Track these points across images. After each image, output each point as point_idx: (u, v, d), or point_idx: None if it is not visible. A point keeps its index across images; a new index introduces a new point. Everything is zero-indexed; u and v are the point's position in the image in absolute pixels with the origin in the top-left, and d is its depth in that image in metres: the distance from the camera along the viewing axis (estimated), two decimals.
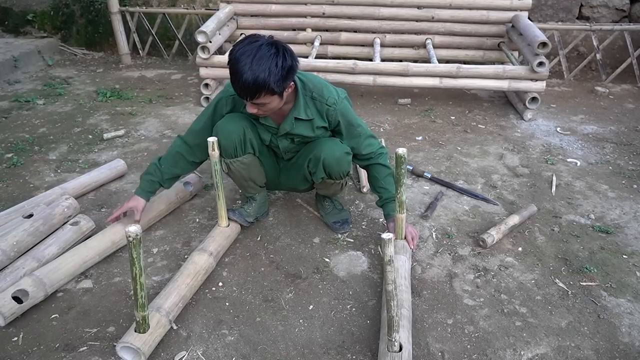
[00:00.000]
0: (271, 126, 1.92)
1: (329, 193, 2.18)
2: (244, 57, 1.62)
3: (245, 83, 1.62)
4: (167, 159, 2.03)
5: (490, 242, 2.07)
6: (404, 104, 3.65)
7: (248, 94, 1.66)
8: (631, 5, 4.18)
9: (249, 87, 1.63)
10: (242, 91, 1.67)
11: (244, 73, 1.61)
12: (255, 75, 1.61)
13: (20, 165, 2.71)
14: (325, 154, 1.91)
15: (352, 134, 1.96)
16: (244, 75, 1.61)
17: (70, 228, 2.01)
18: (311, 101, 1.87)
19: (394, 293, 1.38)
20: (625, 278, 1.93)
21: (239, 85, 1.65)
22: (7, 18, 4.93)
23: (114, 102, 3.63)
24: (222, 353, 1.59)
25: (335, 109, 1.88)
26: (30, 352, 1.58)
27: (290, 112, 1.87)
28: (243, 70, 1.61)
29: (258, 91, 1.64)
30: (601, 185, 2.58)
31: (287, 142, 1.99)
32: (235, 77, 1.65)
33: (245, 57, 1.62)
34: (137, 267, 1.38)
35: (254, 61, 1.61)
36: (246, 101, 1.72)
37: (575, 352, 1.60)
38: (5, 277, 1.74)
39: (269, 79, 1.62)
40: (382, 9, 3.82)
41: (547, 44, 3.09)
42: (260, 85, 1.62)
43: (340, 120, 1.91)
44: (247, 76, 1.61)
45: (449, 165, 2.76)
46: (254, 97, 1.66)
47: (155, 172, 2.02)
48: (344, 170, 1.98)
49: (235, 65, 1.64)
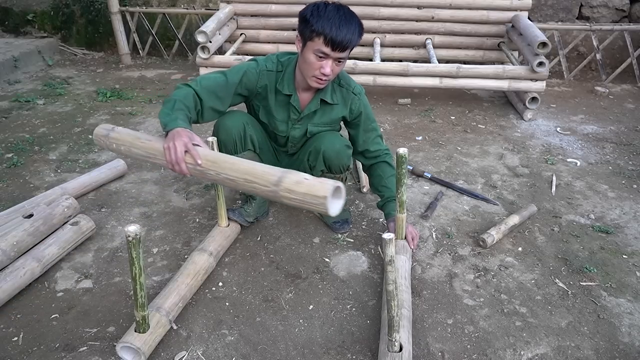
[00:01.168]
0: (297, 108, 1.94)
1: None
2: (334, 12, 1.69)
3: (346, 34, 1.68)
4: (188, 100, 1.77)
5: (490, 242, 2.07)
6: (404, 104, 3.65)
7: (343, 46, 1.71)
8: (631, 5, 4.18)
9: (349, 38, 1.69)
10: (340, 44, 1.70)
11: (341, 25, 1.67)
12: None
13: (20, 165, 2.71)
14: (325, 146, 1.93)
15: (367, 128, 2.02)
16: (344, 28, 1.68)
17: (71, 228, 2.01)
18: (338, 87, 1.94)
19: (395, 293, 1.38)
20: (625, 278, 1.93)
21: (339, 37, 1.68)
22: (7, 18, 4.93)
23: (114, 102, 3.63)
24: (222, 353, 1.59)
25: (360, 98, 1.96)
26: (30, 352, 1.58)
27: (317, 94, 1.92)
28: (341, 23, 1.68)
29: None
30: (601, 185, 2.58)
31: (300, 133, 2.00)
32: (331, 29, 1.67)
33: (337, 12, 1.70)
34: (136, 266, 1.38)
35: (346, 16, 1.70)
36: (330, 55, 1.72)
37: (575, 352, 1.60)
38: (5, 277, 1.74)
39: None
40: (382, 9, 3.82)
41: (547, 44, 3.09)
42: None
43: (363, 111, 1.98)
44: (347, 29, 1.68)
45: (449, 165, 2.76)
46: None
47: (184, 108, 1.72)
48: (343, 163, 1.99)
49: (331, 19, 1.68)
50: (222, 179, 1.52)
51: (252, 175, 1.45)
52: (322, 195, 1.32)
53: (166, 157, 1.57)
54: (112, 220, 2.24)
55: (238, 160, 1.52)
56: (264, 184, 1.42)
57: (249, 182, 1.46)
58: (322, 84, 1.81)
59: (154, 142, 1.67)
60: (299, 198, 1.37)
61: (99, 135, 1.81)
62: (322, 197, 1.32)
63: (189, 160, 1.56)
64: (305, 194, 1.34)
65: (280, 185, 1.39)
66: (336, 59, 1.75)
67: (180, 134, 1.57)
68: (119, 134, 1.76)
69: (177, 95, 1.75)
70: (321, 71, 1.75)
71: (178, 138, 1.55)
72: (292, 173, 1.41)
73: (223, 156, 1.58)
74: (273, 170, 1.44)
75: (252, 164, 1.50)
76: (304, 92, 1.92)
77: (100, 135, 1.81)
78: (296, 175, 1.40)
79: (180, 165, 1.55)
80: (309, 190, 1.34)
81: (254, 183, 1.45)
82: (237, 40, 3.93)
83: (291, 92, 1.90)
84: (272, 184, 1.41)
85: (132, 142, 1.72)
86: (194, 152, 1.54)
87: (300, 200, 1.37)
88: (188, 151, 1.55)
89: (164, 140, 1.62)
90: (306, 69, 1.79)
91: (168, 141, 1.57)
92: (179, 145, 1.54)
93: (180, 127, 1.60)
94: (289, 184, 1.38)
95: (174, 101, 1.72)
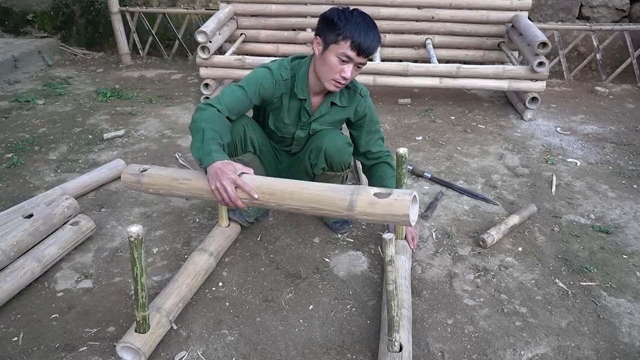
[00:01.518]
0: (309, 112, 1.94)
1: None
2: (361, 18, 1.73)
3: (372, 41, 1.72)
4: (215, 122, 1.68)
5: (490, 242, 2.07)
6: (404, 104, 3.65)
7: (368, 52, 1.74)
8: (631, 5, 4.18)
9: (374, 45, 1.74)
10: (365, 49, 1.72)
11: (369, 32, 1.71)
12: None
13: (20, 165, 2.71)
14: (327, 144, 1.94)
15: (370, 129, 2.03)
16: (370, 35, 1.72)
17: (70, 228, 2.01)
18: (345, 89, 1.94)
19: (395, 293, 1.38)
20: (625, 278, 1.93)
21: (366, 43, 1.71)
22: (7, 18, 4.93)
23: (114, 102, 3.63)
24: (222, 353, 1.59)
25: (365, 100, 1.97)
26: (30, 352, 1.58)
27: (327, 97, 1.94)
28: (368, 30, 1.72)
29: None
30: (601, 185, 2.58)
31: (305, 134, 2.01)
32: (360, 35, 1.70)
33: (363, 19, 1.73)
34: (138, 267, 1.38)
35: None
36: (354, 60, 1.74)
37: (575, 352, 1.60)
38: (5, 277, 1.74)
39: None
40: (382, 9, 3.82)
41: (547, 44, 3.09)
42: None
43: (367, 113, 1.99)
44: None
45: (449, 165, 2.76)
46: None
47: (215, 135, 1.63)
48: (345, 161, 1.99)
49: (359, 24, 1.71)
50: (286, 209, 1.51)
51: (319, 202, 1.44)
52: (403, 214, 1.33)
53: (218, 199, 1.55)
54: (112, 220, 2.24)
55: (296, 187, 1.49)
56: (335, 210, 1.42)
57: (316, 209, 1.45)
58: (339, 87, 1.82)
59: (195, 181, 1.61)
60: (378, 218, 1.38)
61: (129, 182, 1.71)
62: (403, 215, 1.33)
63: (243, 195, 1.52)
64: (385, 215, 1.36)
65: (354, 209, 1.39)
66: (357, 64, 1.77)
67: (224, 171, 1.51)
68: (152, 179, 1.67)
69: (203, 121, 1.65)
70: (342, 75, 1.76)
71: (224, 176, 1.50)
72: (360, 193, 1.40)
73: (277, 183, 1.54)
74: (338, 193, 1.42)
75: (312, 189, 1.47)
76: (316, 95, 1.93)
77: (130, 182, 1.71)
78: (366, 195, 1.38)
79: (236, 203, 1.53)
80: (388, 211, 1.35)
81: (324, 210, 1.45)
82: (237, 40, 3.93)
83: (305, 96, 1.90)
84: (345, 209, 1.40)
85: (170, 185, 1.64)
86: (246, 187, 1.51)
87: (379, 220, 1.38)
88: (239, 187, 1.52)
89: (202, 175, 1.60)
90: (326, 72, 1.78)
91: (213, 181, 1.52)
92: (228, 184, 1.50)
93: (218, 161, 1.54)
94: (363, 207, 1.38)
95: (202, 130, 1.61)
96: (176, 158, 2.81)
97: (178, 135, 3.10)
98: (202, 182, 1.60)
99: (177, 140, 3.03)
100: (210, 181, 1.54)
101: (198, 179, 1.62)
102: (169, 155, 2.84)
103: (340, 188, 1.46)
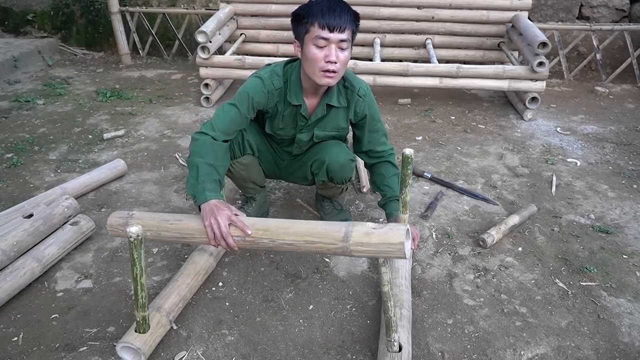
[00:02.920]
0: (305, 116, 1.88)
1: (329, 194, 2.18)
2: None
3: (340, 12, 1.63)
4: (209, 154, 1.67)
5: (490, 242, 2.07)
6: (404, 104, 3.65)
7: (340, 25, 1.64)
8: (631, 5, 4.18)
9: (343, 17, 1.63)
10: (335, 24, 1.63)
11: (333, 6, 1.63)
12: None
13: (20, 165, 2.71)
14: (330, 159, 1.91)
15: (372, 129, 1.95)
16: (336, 8, 1.63)
17: (70, 228, 2.01)
18: (343, 89, 1.87)
19: (390, 294, 1.38)
20: (625, 278, 1.93)
21: (333, 16, 1.62)
22: (7, 18, 4.93)
23: (114, 102, 3.63)
24: (222, 353, 1.59)
25: (365, 101, 1.88)
26: (30, 352, 1.58)
27: (322, 98, 1.86)
28: (331, 4, 1.64)
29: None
30: (601, 185, 2.58)
31: (307, 138, 1.96)
32: (323, 11, 1.63)
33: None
34: (137, 267, 1.38)
35: (334, 0, 1.66)
36: (330, 38, 1.65)
37: (575, 352, 1.60)
38: (5, 277, 1.74)
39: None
40: (382, 9, 3.82)
41: (547, 44, 3.09)
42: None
43: (367, 113, 1.91)
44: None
45: (449, 165, 2.76)
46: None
47: (209, 171, 1.63)
48: (346, 176, 1.99)
49: (320, 3, 1.64)
50: (279, 246, 1.45)
51: (314, 235, 1.40)
52: (398, 242, 1.29)
53: (209, 235, 1.49)
54: None
55: (291, 222, 1.46)
56: (329, 242, 1.37)
57: (311, 243, 1.40)
58: (332, 76, 1.70)
59: (186, 221, 1.56)
60: (372, 249, 1.33)
61: (115, 225, 1.62)
62: (398, 243, 1.29)
63: (236, 232, 1.48)
64: (379, 244, 1.31)
65: (349, 240, 1.35)
66: (337, 44, 1.66)
67: (219, 207, 1.50)
68: (140, 220, 1.59)
69: (197, 155, 1.63)
70: (327, 60, 1.66)
71: (219, 212, 1.49)
72: (356, 224, 1.37)
73: (272, 221, 1.51)
74: (334, 225, 1.39)
75: (308, 223, 1.45)
76: (312, 97, 1.86)
77: (116, 226, 1.62)
78: (362, 226, 1.36)
79: (227, 240, 1.47)
80: (382, 240, 1.31)
81: (318, 243, 1.40)
82: (237, 40, 3.93)
83: (300, 102, 1.83)
84: (340, 240, 1.35)
85: (159, 225, 1.56)
86: (240, 223, 1.47)
87: (373, 251, 1.33)
88: (232, 223, 1.48)
89: (193, 216, 1.56)
90: (311, 66, 1.70)
91: (207, 217, 1.49)
92: (222, 219, 1.47)
93: (213, 200, 1.53)
94: (358, 237, 1.34)
95: (197, 167, 1.60)
96: (176, 158, 2.81)
97: (178, 135, 3.10)
98: (194, 221, 1.54)
99: (177, 140, 3.03)
100: (204, 217, 1.51)
101: (189, 219, 1.57)
102: (169, 155, 2.84)
103: (334, 222, 1.44)
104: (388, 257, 1.33)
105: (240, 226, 1.47)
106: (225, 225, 1.47)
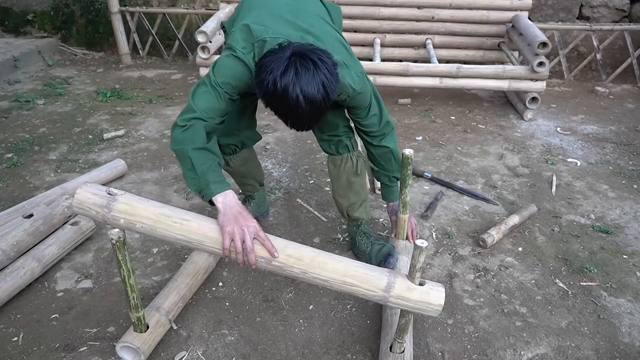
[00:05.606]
0: None
1: (350, 192, 1.89)
2: (281, 100, 1.26)
3: (300, 127, 1.34)
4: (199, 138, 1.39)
5: (490, 242, 2.07)
6: (404, 104, 3.65)
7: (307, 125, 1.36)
8: (631, 5, 4.18)
9: (308, 128, 1.35)
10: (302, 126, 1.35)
11: (295, 121, 1.32)
12: (312, 98, 1.25)
13: (20, 165, 2.71)
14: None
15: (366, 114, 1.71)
16: (296, 122, 1.32)
17: (70, 228, 2.01)
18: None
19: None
20: (625, 278, 1.93)
21: (298, 130, 1.34)
22: (7, 18, 4.93)
23: (114, 102, 3.63)
24: (222, 353, 1.59)
25: (355, 97, 1.62)
26: (30, 352, 1.58)
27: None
28: (292, 117, 1.31)
29: (318, 117, 1.31)
30: (601, 185, 2.58)
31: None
32: (289, 111, 1.29)
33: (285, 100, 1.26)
34: (124, 269, 1.37)
35: (301, 82, 1.24)
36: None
37: (575, 352, 1.60)
38: (5, 277, 1.74)
39: (327, 96, 1.27)
40: (382, 9, 3.82)
41: (547, 44, 3.09)
42: (319, 108, 1.28)
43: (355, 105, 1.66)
44: (300, 121, 1.32)
45: (449, 165, 2.76)
46: (312, 125, 1.36)
47: (205, 159, 1.36)
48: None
49: (283, 99, 1.25)
50: (310, 279, 1.29)
51: (354, 277, 1.28)
52: (437, 304, 1.27)
53: (225, 243, 1.24)
54: None
55: (328, 257, 1.31)
56: (369, 289, 1.28)
57: (349, 285, 1.28)
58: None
59: (194, 222, 1.30)
60: (411, 305, 1.28)
61: (86, 203, 1.29)
62: (437, 305, 1.27)
63: (261, 252, 1.26)
64: (419, 302, 1.27)
65: (391, 291, 1.27)
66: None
67: (246, 216, 1.25)
68: (128, 205, 1.30)
69: (188, 141, 1.36)
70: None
71: (245, 221, 1.23)
72: (398, 276, 1.29)
73: (307, 250, 1.32)
74: (376, 271, 1.31)
75: (347, 262, 1.32)
76: None
77: (88, 204, 1.29)
78: (403, 281, 1.28)
79: (249, 256, 1.23)
80: (423, 299, 1.27)
81: (357, 287, 1.28)
82: None
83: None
84: (381, 289, 1.27)
85: (156, 220, 1.30)
86: (268, 242, 1.24)
87: (411, 307, 1.29)
88: (259, 239, 1.25)
89: (205, 218, 1.31)
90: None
91: (231, 223, 1.23)
92: (249, 230, 1.22)
93: (233, 198, 1.29)
94: (400, 291, 1.27)
95: (189, 158, 1.34)
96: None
97: None
98: (207, 225, 1.30)
99: None
100: (225, 221, 1.25)
101: (201, 221, 1.31)
102: (169, 155, 2.83)
103: (375, 267, 1.34)
104: (422, 313, 1.30)
105: (268, 247, 1.24)
106: (251, 239, 1.23)
